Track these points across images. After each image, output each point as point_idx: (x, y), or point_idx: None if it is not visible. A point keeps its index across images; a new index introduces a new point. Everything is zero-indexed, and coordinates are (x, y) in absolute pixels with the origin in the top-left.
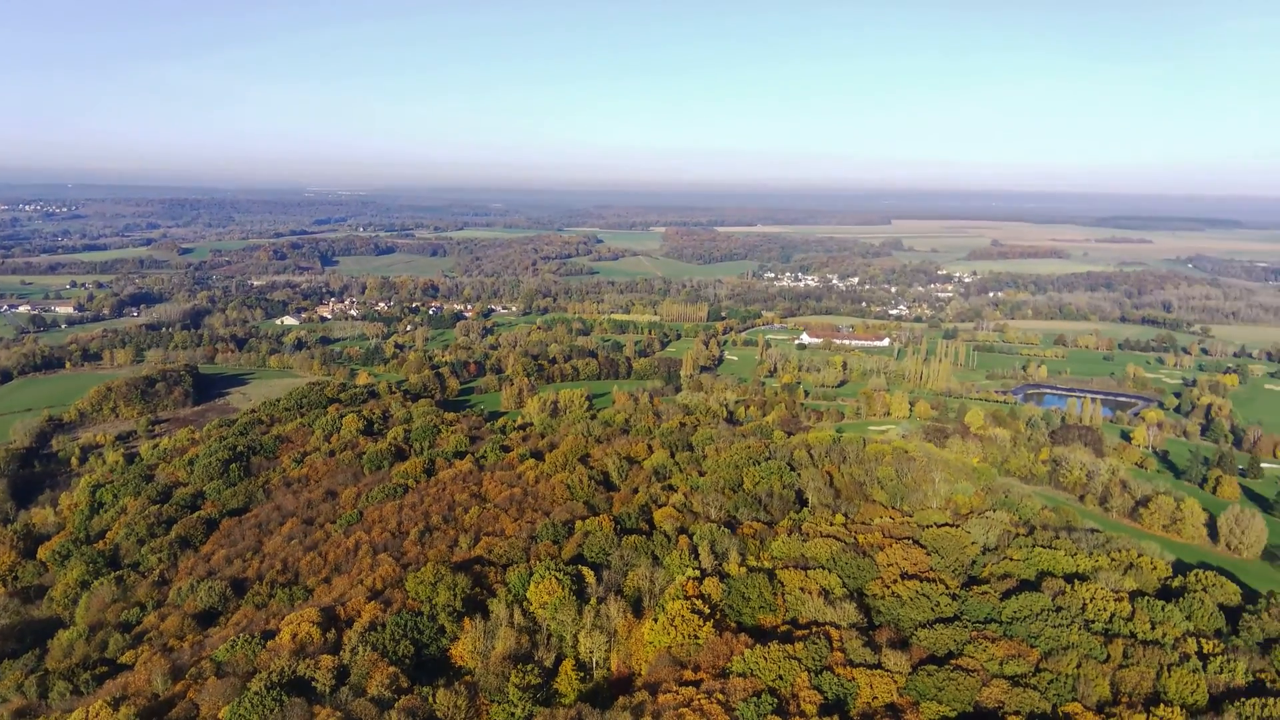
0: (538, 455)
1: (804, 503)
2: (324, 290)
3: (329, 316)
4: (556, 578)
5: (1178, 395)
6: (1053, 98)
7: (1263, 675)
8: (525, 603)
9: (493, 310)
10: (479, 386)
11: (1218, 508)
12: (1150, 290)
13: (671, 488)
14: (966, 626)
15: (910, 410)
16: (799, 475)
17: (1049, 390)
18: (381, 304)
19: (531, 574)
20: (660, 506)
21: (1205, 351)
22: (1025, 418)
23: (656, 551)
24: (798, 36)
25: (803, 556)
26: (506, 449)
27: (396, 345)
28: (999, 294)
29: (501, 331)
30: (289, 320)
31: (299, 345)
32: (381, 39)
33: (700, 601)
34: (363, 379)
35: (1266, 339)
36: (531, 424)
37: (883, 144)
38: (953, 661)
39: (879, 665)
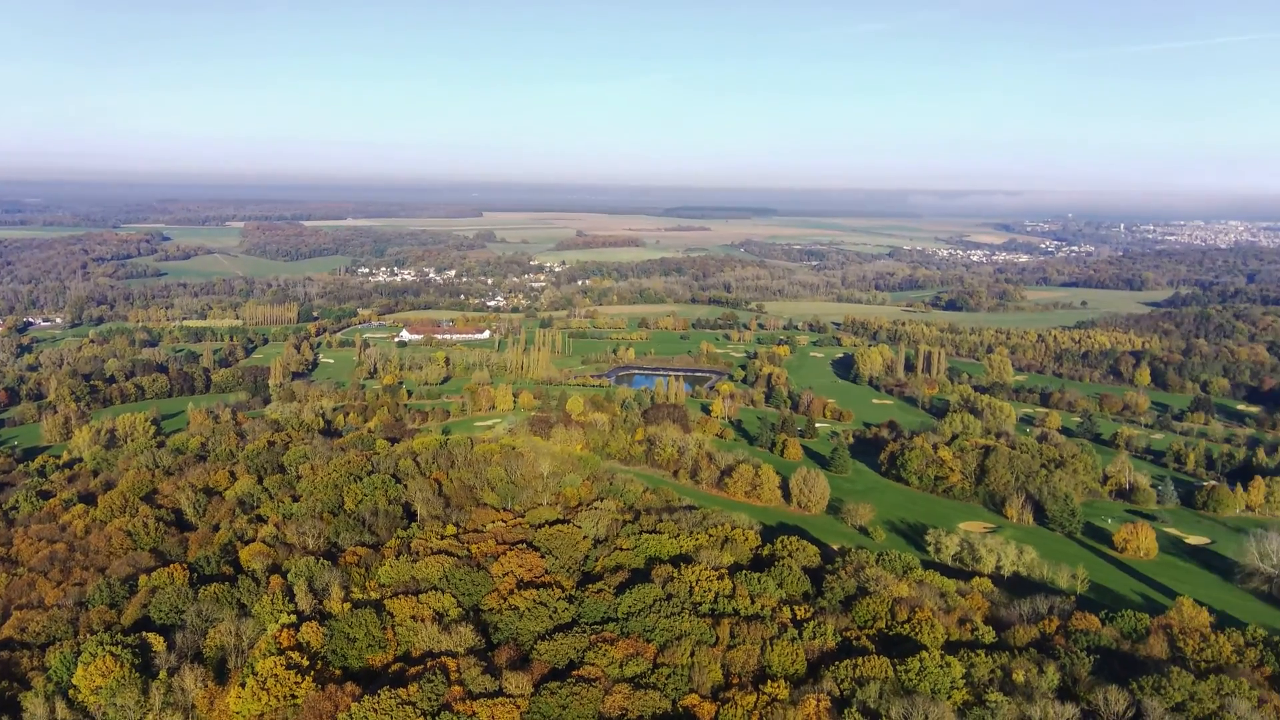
0: (89, 498)
1: (413, 516)
2: None
3: None
4: (113, 653)
5: (744, 367)
6: (616, 99)
7: (848, 634)
8: (73, 690)
9: (31, 323)
10: (12, 418)
11: (787, 469)
12: (713, 273)
13: (261, 519)
14: (585, 631)
15: (515, 402)
16: (406, 487)
17: (638, 370)
18: None
19: (79, 652)
20: (248, 543)
21: (761, 326)
22: (620, 400)
23: (244, 599)
24: (373, 30)
25: (414, 579)
26: (47, 495)
27: None
28: (587, 282)
29: (44, 348)
30: None
31: None
32: None
33: (298, 653)
34: None
35: (807, 312)
36: (82, 459)
37: (470, 138)
38: (575, 673)
39: (500, 691)
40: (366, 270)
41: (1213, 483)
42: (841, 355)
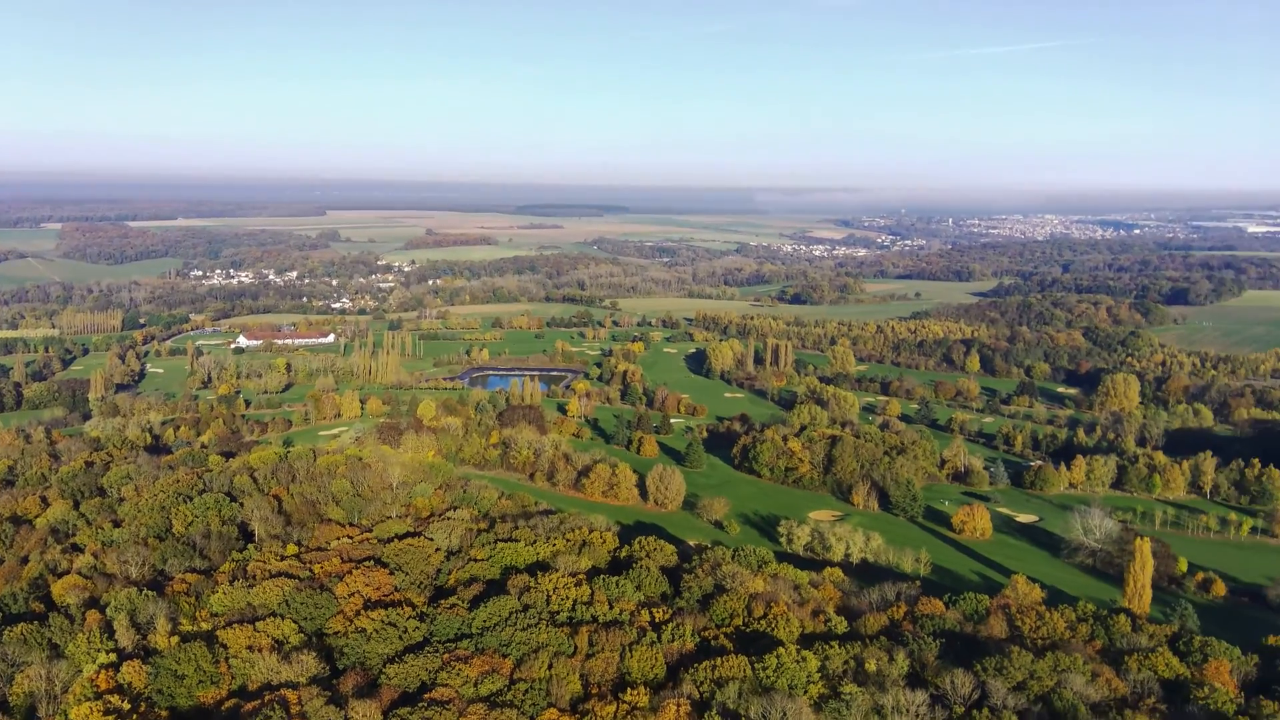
0: None
1: (250, 537)
2: None
3: None
4: None
5: (599, 365)
6: (465, 96)
7: (707, 634)
8: None
9: None
10: None
11: (645, 466)
12: (566, 271)
13: (77, 548)
14: (438, 650)
15: (362, 409)
16: (242, 505)
17: (492, 372)
18: None
19: None
20: (61, 576)
21: (616, 323)
22: (474, 403)
23: (56, 638)
24: (203, 19)
25: (250, 606)
26: None
27: None
28: (438, 281)
29: None
30: None
31: None
32: None
33: (118, 696)
34: None
35: (661, 308)
36: None
37: (312, 134)
38: (427, 696)
39: None
40: (200, 273)
41: (1039, 463)
42: (694, 350)
